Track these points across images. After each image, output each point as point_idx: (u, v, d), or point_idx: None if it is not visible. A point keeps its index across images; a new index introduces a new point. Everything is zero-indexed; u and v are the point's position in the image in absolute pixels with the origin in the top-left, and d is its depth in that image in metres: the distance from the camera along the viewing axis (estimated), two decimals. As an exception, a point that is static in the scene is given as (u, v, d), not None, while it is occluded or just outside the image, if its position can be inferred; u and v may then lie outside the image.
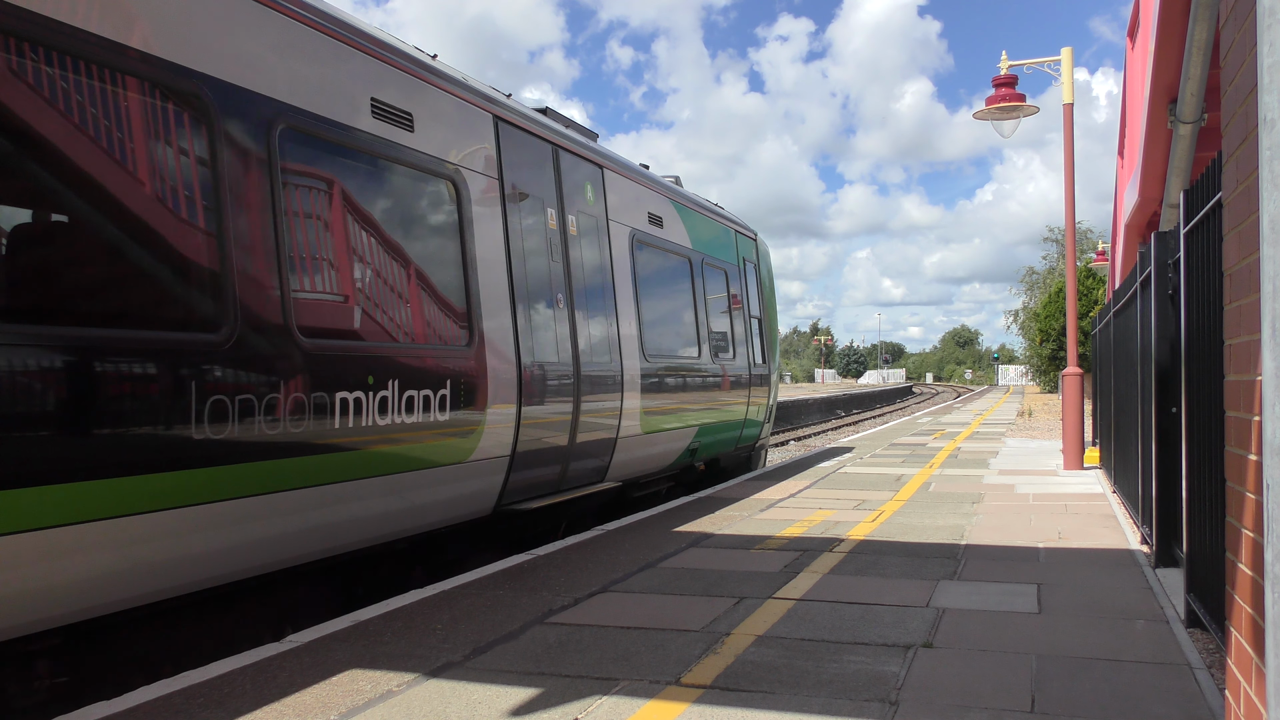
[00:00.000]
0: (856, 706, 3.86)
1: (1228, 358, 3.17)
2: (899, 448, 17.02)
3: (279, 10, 5.36)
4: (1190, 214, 4.77)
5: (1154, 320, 6.42)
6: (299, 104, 5.44)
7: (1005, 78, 13.38)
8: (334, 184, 5.83)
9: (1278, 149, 2.20)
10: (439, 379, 6.37)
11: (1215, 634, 4.42)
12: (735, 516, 9.01)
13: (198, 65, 4.79)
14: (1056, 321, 45.35)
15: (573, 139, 9.03)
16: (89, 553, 4.15)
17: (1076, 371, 13.25)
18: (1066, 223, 13.95)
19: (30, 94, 4.02)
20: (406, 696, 4.07)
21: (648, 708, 3.89)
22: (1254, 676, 2.82)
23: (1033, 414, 30.56)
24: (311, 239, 5.60)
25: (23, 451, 3.89)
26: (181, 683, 4.25)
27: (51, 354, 4.02)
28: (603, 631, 5.03)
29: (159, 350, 4.48)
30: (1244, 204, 2.86)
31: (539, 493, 7.91)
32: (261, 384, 4.94)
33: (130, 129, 4.48)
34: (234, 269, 4.87)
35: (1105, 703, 3.90)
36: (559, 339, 8.12)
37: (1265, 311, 2.25)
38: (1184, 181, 11.48)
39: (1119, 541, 7.50)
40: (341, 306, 5.78)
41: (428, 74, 6.80)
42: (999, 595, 5.74)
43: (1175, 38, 9.93)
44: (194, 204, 4.75)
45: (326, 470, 5.40)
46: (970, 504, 9.66)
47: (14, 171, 4.06)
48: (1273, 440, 2.22)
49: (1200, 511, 4.70)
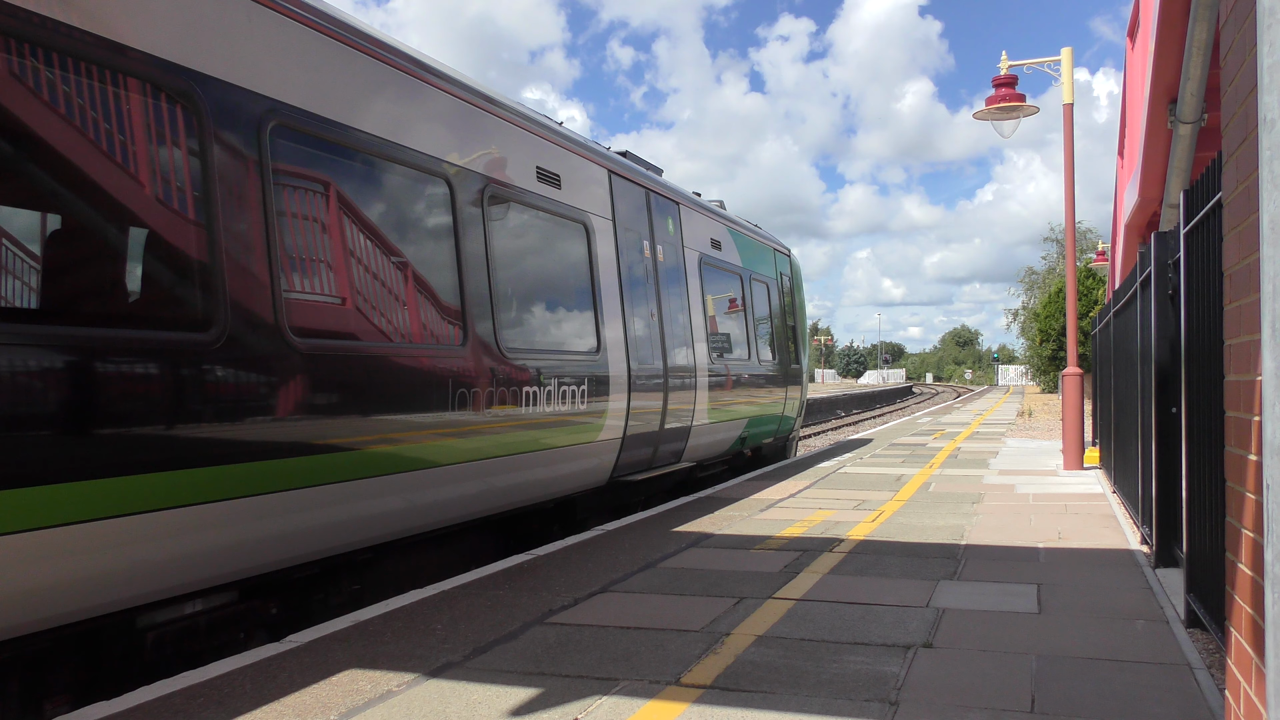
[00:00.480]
0: (856, 706, 3.86)
1: (1228, 358, 3.17)
2: (899, 448, 17.02)
3: (493, 114, 7.50)
4: (1190, 214, 4.77)
5: (1154, 320, 6.42)
6: (499, 177, 7.43)
7: (1005, 78, 13.38)
8: (525, 234, 7.91)
9: (1278, 149, 2.20)
10: (582, 380, 8.34)
11: (1215, 634, 4.42)
12: (735, 516, 9.00)
13: (475, 167, 7.08)
14: (1056, 321, 45.37)
15: (658, 182, 11.14)
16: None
17: (1076, 371, 13.25)
18: (1066, 223, 13.95)
19: (33, 96, 4.01)
20: (406, 696, 4.07)
21: (648, 708, 3.89)
22: (1254, 676, 2.82)
23: (1033, 414, 30.56)
24: (513, 276, 7.65)
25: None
26: (181, 683, 4.25)
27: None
28: (603, 631, 5.03)
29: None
30: (1244, 204, 2.86)
31: (638, 469, 9.88)
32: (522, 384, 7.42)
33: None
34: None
35: (1105, 703, 3.90)
36: (652, 345, 10.07)
37: (1265, 311, 2.24)
38: (1184, 181, 11.48)
39: (1119, 542, 7.50)
40: (549, 330, 8.24)
41: (568, 143, 8.76)
42: (999, 595, 5.74)
43: (1175, 38, 9.94)
44: (441, 273, 6.68)
45: (518, 444, 7.33)
46: (970, 504, 9.66)
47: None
48: (1273, 440, 2.22)
49: (1200, 511, 4.70)
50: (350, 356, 5.61)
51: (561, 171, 8.43)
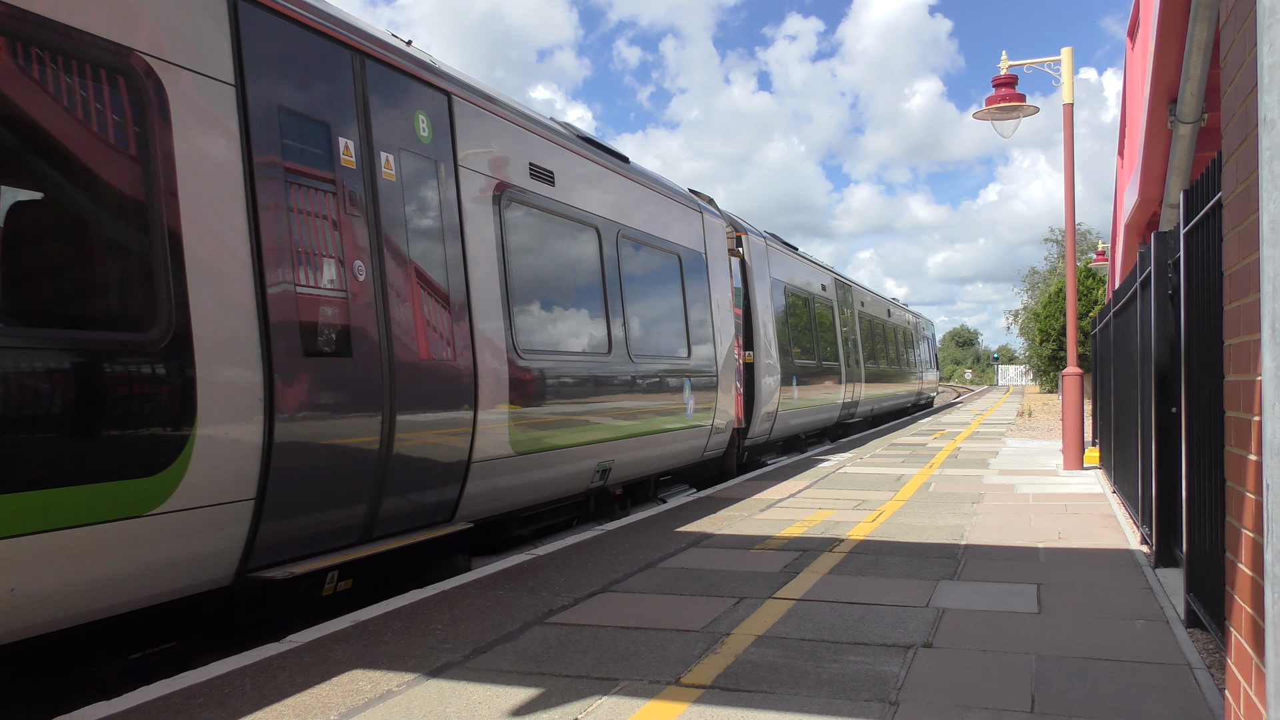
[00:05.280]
0: (856, 706, 3.86)
1: (1227, 358, 3.17)
2: (899, 448, 17.02)
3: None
4: (1190, 214, 4.77)
5: (1154, 320, 6.42)
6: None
7: (1005, 78, 13.38)
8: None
9: (1278, 149, 2.20)
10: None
11: (1215, 634, 4.42)
12: (735, 516, 9.00)
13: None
14: (1056, 321, 45.35)
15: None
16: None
17: (1076, 371, 13.25)
18: (1066, 223, 13.95)
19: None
20: (406, 696, 4.07)
21: (648, 708, 3.89)
22: (1254, 676, 2.82)
23: (1033, 414, 30.54)
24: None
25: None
26: (181, 683, 4.25)
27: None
28: (603, 631, 5.03)
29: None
30: (1244, 204, 2.86)
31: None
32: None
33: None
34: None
35: (1105, 703, 3.90)
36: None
37: (1265, 311, 2.24)
38: (1184, 181, 11.48)
39: (1119, 541, 7.50)
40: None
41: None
42: (999, 595, 5.74)
43: (1175, 38, 9.94)
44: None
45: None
46: (970, 504, 9.66)
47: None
48: (1273, 440, 2.22)
49: (1200, 511, 4.70)
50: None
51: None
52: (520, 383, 7.47)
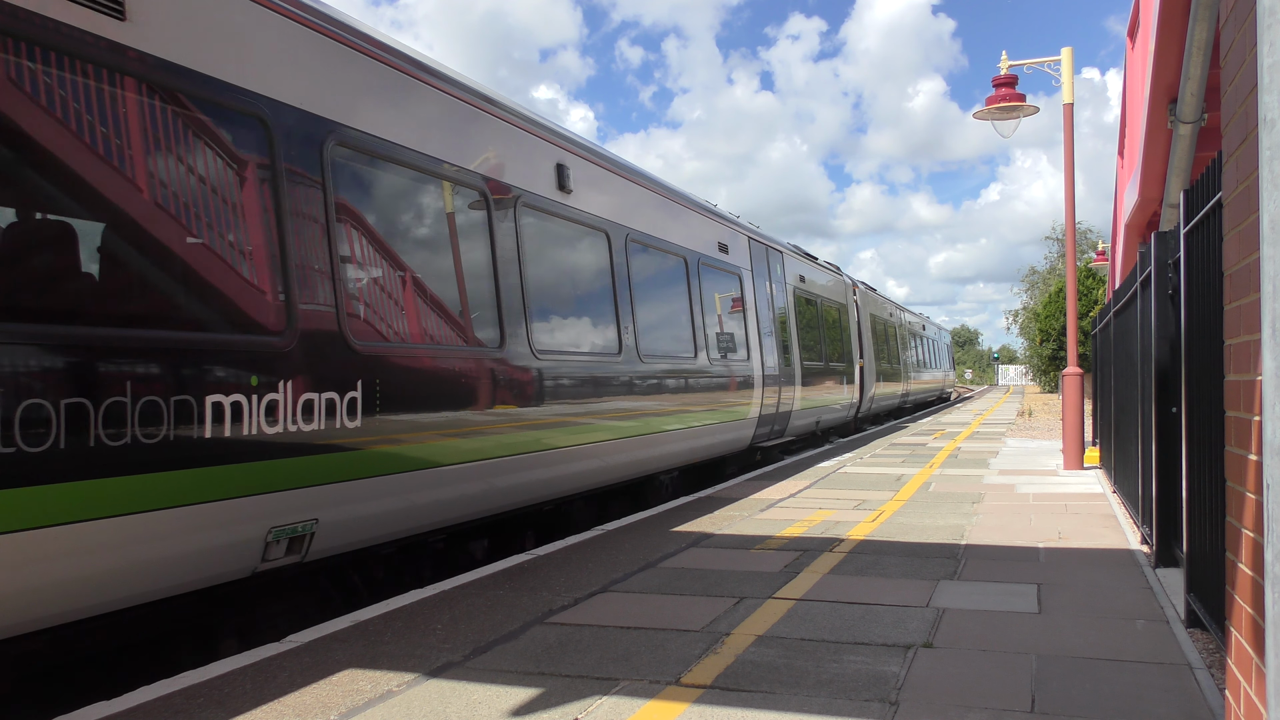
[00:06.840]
0: (856, 706, 3.86)
1: (1228, 358, 3.17)
2: (899, 447, 17.02)
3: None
4: (1190, 214, 4.77)
5: (1154, 320, 6.42)
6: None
7: (1006, 78, 13.38)
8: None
9: (1278, 149, 2.20)
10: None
11: (1215, 634, 4.42)
12: (735, 516, 9.01)
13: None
14: (1056, 321, 45.36)
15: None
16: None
17: (1076, 371, 13.25)
18: (1066, 222, 13.95)
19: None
20: (406, 696, 4.07)
21: (648, 708, 3.89)
22: (1254, 676, 2.82)
23: (1033, 414, 30.55)
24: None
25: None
26: (181, 683, 4.25)
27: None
28: (603, 631, 5.03)
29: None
30: (1244, 204, 2.86)
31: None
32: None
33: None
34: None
35: (1105, 703, 3.90)
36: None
37: (1265, 311, 2.24)
38: (1184, 181, 11.48)
39: (1119, 541, 7.50)
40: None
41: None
42: (999, 595, 5.74)
43: (1175, 38, 9.94)
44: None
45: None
46: (970, 504, 9.66)
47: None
48: (1273, 440, 2.22)
49: (1200, 511, 4.70)
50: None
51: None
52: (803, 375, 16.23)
